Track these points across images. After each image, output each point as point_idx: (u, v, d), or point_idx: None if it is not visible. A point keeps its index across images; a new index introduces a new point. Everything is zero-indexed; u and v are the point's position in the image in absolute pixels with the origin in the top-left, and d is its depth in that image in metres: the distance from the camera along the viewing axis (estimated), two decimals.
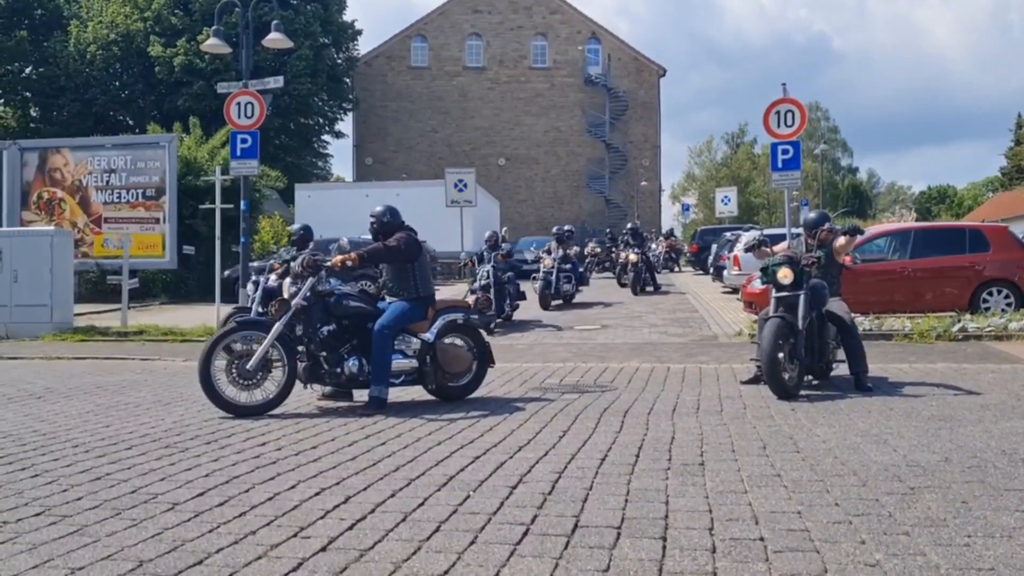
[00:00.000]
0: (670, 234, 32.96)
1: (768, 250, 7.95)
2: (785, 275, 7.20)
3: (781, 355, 6.89)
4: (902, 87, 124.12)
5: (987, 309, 12.67)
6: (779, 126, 12.67)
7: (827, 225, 7.92)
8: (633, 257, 20.09)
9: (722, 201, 36.02)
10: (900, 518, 3.59)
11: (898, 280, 13.09)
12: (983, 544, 3.25)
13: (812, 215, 8.38)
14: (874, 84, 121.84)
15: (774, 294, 7.35)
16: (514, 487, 4.20)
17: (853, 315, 11.94)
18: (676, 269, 30.24)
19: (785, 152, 12.78)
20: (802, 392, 7.09)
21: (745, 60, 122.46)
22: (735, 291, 17.47)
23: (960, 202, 65.66)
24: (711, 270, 23.05)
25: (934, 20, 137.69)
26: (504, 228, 36.26)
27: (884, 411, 6.28)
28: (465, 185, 28.00)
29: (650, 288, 20.22)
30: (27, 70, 41.30)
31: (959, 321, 11.57)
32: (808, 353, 7.19)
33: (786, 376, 6.92)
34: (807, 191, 48.35)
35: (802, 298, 7.15)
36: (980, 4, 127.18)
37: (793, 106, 12.72)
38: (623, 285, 21.10)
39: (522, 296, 15.03)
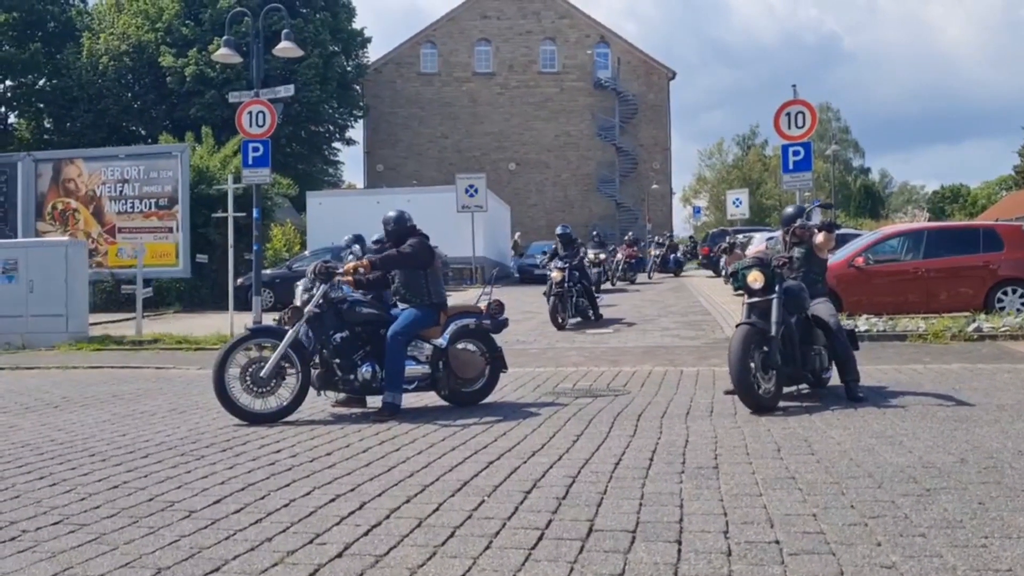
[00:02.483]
0: (634, 241, 28.39)
1: (740, 252, 7.70)
2: (755, 279, 6.73)
3: (752, 365, 6.37)
4: (913, 86, 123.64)
5: (1002, 309, 12.60)
6: (790, 128, 12.65)
7: (799, 222, 7.43)
8: (556, 275, 14.07)
9: (733, 203, 35.96)
10: (916, 520, 3.58)
11: (912, 280, 13.03)
12: (1000, 545, 3.24)
13: (789, 209, 7.88)
14: (885, 83, 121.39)
15: (746, 300, 6.90)
16: (528, 492, 4.20)
17: (868, 316, 11.99)
18: (634, 281, 25.87)
19: (796, 154, 12.75)
20: (795, 403, 6.76)
21: (755, 60, 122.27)
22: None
23: (974, 201, 65.24)
24: (723, 272, 23.01)
25: (945, 17, 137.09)
26: (517, 233, 36.30)
27: (899, 412, 6.25)
28: (476, 190, 28.09)
29: (590, 316, 14.56)
30: (40, 82, 41.72)
31: (974, 321, 11.51)
32: (788, 361, 6.65)
33: (759, 388, 6.40)
34: (819, 192, 48.21)
35: (774, 302, 6.60)
36: (991, 1, 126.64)
37: (804, 107, 12.70)
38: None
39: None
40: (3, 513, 4.02)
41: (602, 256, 21.81)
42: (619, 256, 25.83)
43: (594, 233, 24.61)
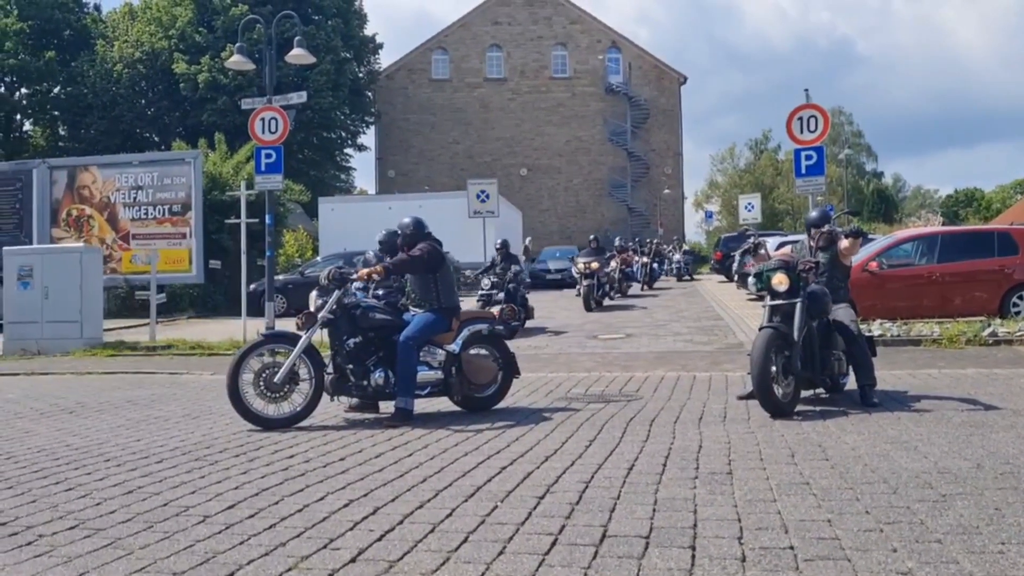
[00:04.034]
0: (624, 247, 24.32)
1: (765, 254, 7.71)
2: (780, 281, 6.71)
3: (773, 369, 6.34)
4: (927, 89, 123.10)
5: (1017, 313, 12.52)
6: (802, 132, 12.61)
7: (827, 227, 7.46)
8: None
9: (746, 208, 35.75)
10: (932, 526, 3.56)
11: (926, 285, 12.96)
12: (1017, 551, 3.21)
13: (813, 214, 7.89)
14: (898, 86, 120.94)
15: (769, 302, 6.89)
16: (541, 497, 4.20)
17: (882, 321, 11.92)
18: (625, 293, 22.61)
19: (809, 158, 12.71)
20: (810, 407, 6.74)
21: (767, 65, 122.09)
22: (760, 298, 17.36)
23: (988, 205, 64.82)
24: (735, 277, 22.93)
25: (958, 20, 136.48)
26: (528, 239, 36.26)
27: (914, 418, 6.21)
28: (487, 196, 28.13)
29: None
30: (55, 90, 42.05)
31: (989, 326, 11.42)
32: (808, 366, 6.64)
33: (779, 392, 6.38)
34: (832, 196, 48.03)
35: (798, 306, 6.59)
36: (1005, 3, 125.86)
37: (816, 112, 12.66)
38: None
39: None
40: (20, 518, 4.05)
41: (594, 266, 18.59)
42: (613, 264, 21.56)
43: (591, 238, 21.43)
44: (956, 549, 3.25)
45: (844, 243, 7.27)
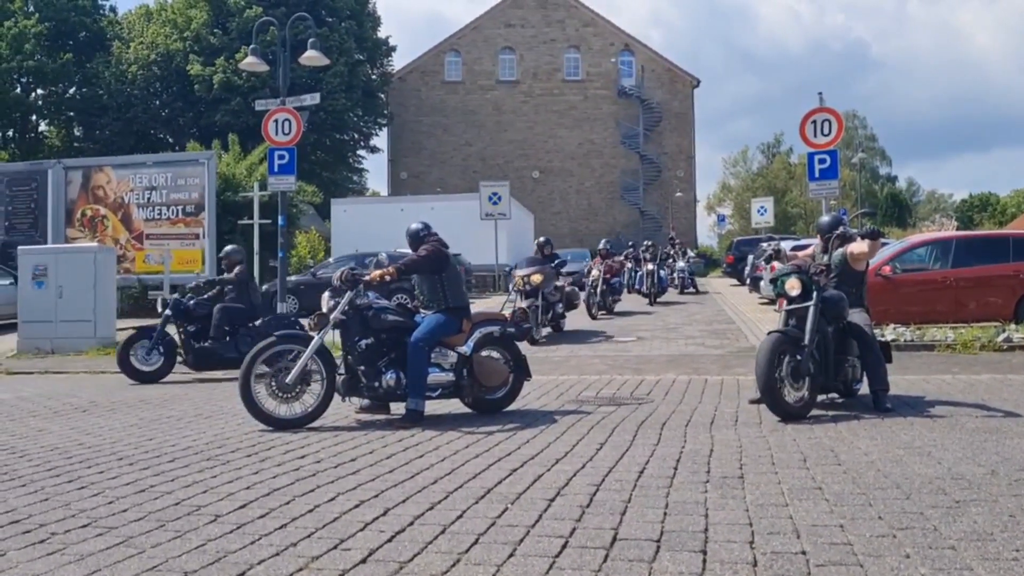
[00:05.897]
0: (609, 251, 18.64)
1: (785, 257, 7.71)
2: (792, 286, 6.77)
3: (779, 373, 6.36)
4: (942, 93, 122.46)
5: None
6: (816, 135, 12.56)
7: (840, 229, 7.45)
8: None
9: (758, 211, 35.67)
10: (945, 532, 3.53)
11: (940, 290, 12.87)
12: None
13: (825, 218, 7.90)
14: (913, 90, 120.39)
15: (785, 307, 6.95)
16: (552, 500, 4.19)
17: (895, 326, 11.86)
18: (612, 310, 17.80)
19: (822, 161, 12.65)
20: (822, 412, 6.67)
21: (781, 68, 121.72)
22: (772, 302, 17.29)
23: (1003, 210, 64.38)
24: (747, 281, 22.87)
25: (974, 23, 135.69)
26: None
27: (927, 423, 6.17)
28: (499, 198, 28.15)
29: None
30: (71, 91, 42.39)
31: (1003, 331, 11.34)
32: (821, 370, 6.63)
33: (789, 396, 6.41)
34: (845, 200, 47.85)
35: (810, 310, 6.62)
36: (1021, 6, 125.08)
37: (830, 115, 12.61)
38: None
39: None
40: (33, 516, 4.07)
41: (535, 279, 13.19)
42: (595, 274, 17.08)
43: (542, 240, 14.93)
44: (970, 556, 3.23)
45: (862, 245, 7.21)
